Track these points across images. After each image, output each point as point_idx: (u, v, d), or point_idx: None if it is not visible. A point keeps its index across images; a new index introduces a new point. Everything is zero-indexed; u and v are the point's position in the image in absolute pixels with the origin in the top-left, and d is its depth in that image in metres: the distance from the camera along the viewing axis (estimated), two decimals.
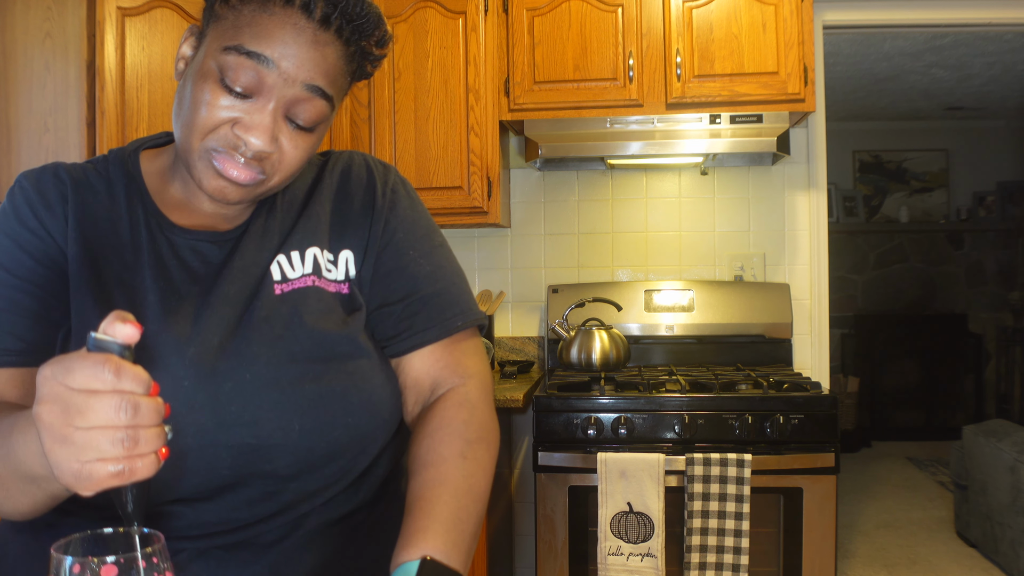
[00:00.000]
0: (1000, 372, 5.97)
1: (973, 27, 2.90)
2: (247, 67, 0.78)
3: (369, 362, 0.89)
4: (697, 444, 2.20)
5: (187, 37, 0.85)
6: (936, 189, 6.21)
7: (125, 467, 0.54)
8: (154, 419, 0.55)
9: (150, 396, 0.55)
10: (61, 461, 0.54)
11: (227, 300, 0.84)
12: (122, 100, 2.54)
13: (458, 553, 0.77)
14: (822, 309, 2.86)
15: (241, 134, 0.80)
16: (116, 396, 0.54)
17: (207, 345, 0.81)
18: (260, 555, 0.84)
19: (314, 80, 0.81)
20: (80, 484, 0.54)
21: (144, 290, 0.83)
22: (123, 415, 0.54)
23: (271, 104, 0.80)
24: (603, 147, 2.56)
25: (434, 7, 2.56)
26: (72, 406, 0.54)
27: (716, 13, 2.48)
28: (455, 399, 0.90)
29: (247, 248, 0.88)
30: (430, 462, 0.84)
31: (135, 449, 0.54)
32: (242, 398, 0.81)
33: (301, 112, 0.82)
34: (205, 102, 0.79)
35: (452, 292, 0.95)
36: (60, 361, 0.55)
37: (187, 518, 0.81)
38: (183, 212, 0.90)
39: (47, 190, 0.86)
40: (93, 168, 0.90)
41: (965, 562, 3.55)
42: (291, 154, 0.83)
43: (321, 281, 0.89)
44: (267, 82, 0.79)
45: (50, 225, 0.84)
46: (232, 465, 0.80)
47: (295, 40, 0.79)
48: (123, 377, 0.54)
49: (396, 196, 0.97)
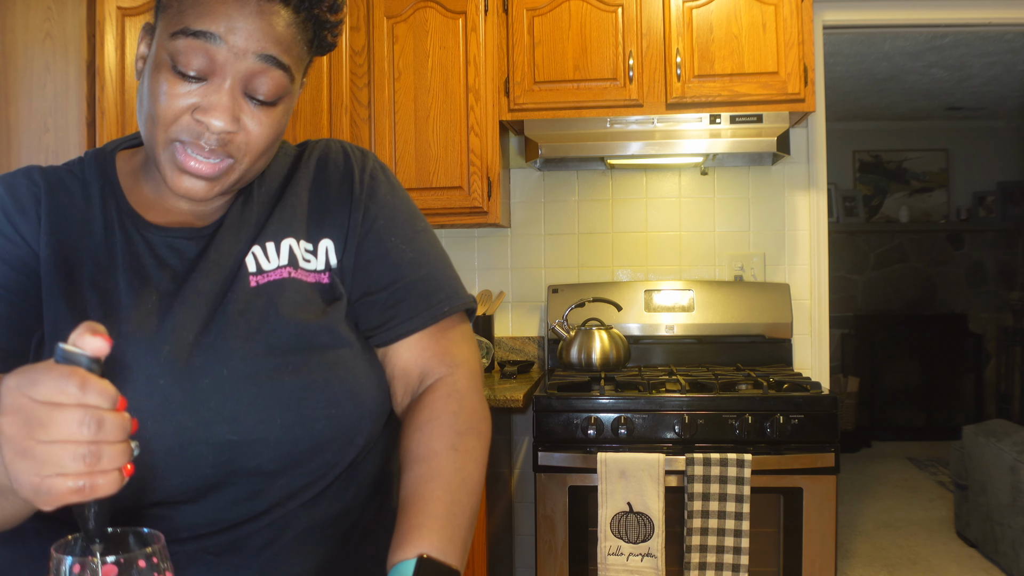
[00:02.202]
0: (1000, 372, 5.97)
1: (973, 27, 2.90)
2: (196, 48, 0.77)
3: (350, 351, 0.87)
4: (697, 444, 2.20)
5: (143, 36, 0.84)
6: (936, 189, 6.21)
7: (86, 483, 0.53)
8: (119, 435, 0.54)
9: (116, 411, 0.54)
10: (21, 474, 0.53)
11: (201, 294, 0.83)
12: (122, 100, 2.54)
13: (454, 548, 0.76)
14: (822, 309, 2.86)
15: (202, 118, 0.78)
16: (80, 410, 0.52)
17: (182, 342, 0.80)
18: (250, 559, 0.83)
19: (266, 49, 0.79)
20: (40, 499, 0.53)
21: (118, 292, 0.82)
22: (86, 430, 0.52)
23: (227, 82, 0.78)
24: (603, 147, 2.56)
25: (434, 7, 2.56)
26: (34, 419, 0.52)
27: (716, 13, 2.48)
28: (444, 390, 0.88)
29: (222, 241, 0.86)
30: (421, 456, 0.83)
31: (97, 465, 0.53)
32: (220, 394, 0.79)
33: (259, 86, 0.80)
34: (163, 92, 0.78)
35: (437, 277, 0.93)
36: (25, 372, 0.53)
37: (173, 521, 0.80)
38: (159, 211, 0.88)
39: (20, 194, 0.84)
40: (69, 170, 0.89)
41: (965, 562, 3.55)
42: (256, 132, 0.81)
43: (298, 272, 0.87)
44: (218, 60, 0.78)
45: (23, 229, 0.83)
46: (215, 463, 0.79)
47: (239, 12, 0.77)
48: (88, 391, 0.52)
49: (375, 182, 0.95)
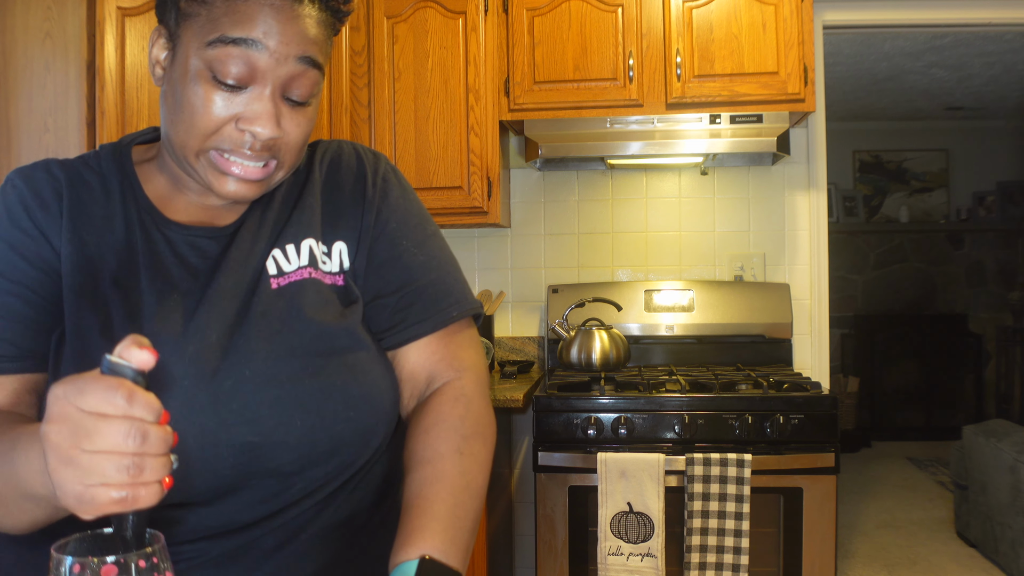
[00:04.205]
0: (1000, 372, 5.97)
1: (973, 27, 2.90)
2: (235, 56, 0.77)
3: (368, 355, 0.87)
4: (697, 444, 2.20)
5: (155, 39, 0.84)
6: (936, 189, 6.21)
7: (128, 494, 0.54)
8: (162, 448, 0.55)
9: (160, 424, 0.55)
10: (65, 483, 0.54)
11: (224, 295, 0.83)
12: (122, 100, 2.54)
13: (456, 551, 0.76)
14: (822, 309, 2.86)
15: (247, 127, 0.79)
16: (126, 422, 0.53)
17: (205, 342, 0.80)
18: (261, 562, 0.83)
19: (305, 52, 0.80)
20: (82, 507, 0.54)
21: (140, 289, 0.82)
22: (131, 442, 0.53)
23: (267, 89, 0.79)
24: (603, 147, 2.56)
25: (434, 7, 2.56)
26: (81, 428, 0.53)
27: (716, 13, 2.48)
28: (451, 394, 0.89)
29: (243, 241, 0.87)
30: (426, 459, 0.83)
31: (140, 477, 0.54)
32: (242, 395, 0.79)
33: (296, 87, 0.81)
34: (201, 104, 0.78)
35: (447, 281, 0.94)
36: (73, 381, 0.54)
37: (188, 522, 0.80)
38: (176, 208, 0.88)
39: (41, 187, 0.83)
40: (86, 164, 0.88)
41: (965, 562, 3.55)
42: (295, 133, 0.83)
43: (317, 273, 0.88)
44: (259, 67, 0.78)
45: (44, 225, 0.82)
46: (235, 464, 0.79)
47: (276, 18, 0.78)
48: (135, 404, 0.53)
49: (387, 185, 0.96)
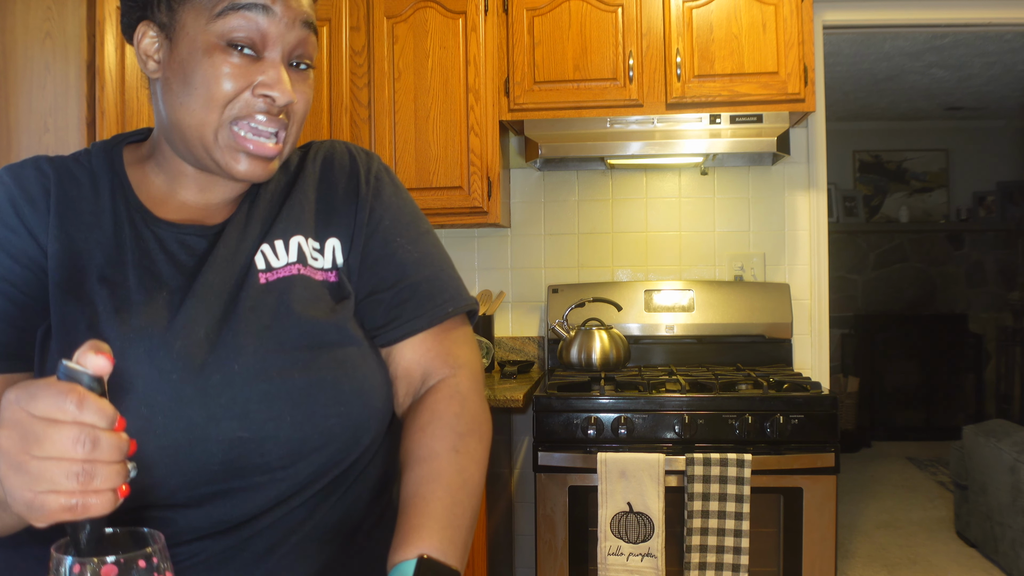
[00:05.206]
0: (1000, 372, 5.97)
1: (973, 27, 2.90)
2: (248, 20, 0.80)
3: (359, 350, 0.87)
4: (697, 444, 2.20)
5: (144, 32, 0.84)
6: (936, 189, 6.21)
7: (78, 501, 0.53)
8: (114, 455, 0.53)
9: (114, 432, 0.54)
10: (15, 489, 0.53)
11: (212, 290, 0.83)
12: (122, 100, 2.54)
13: (454, 549, 0.76)
14: (822, 309, 2.86)
15: (267, 92, 0.81)
16: (76, 428, 0.52)
17: (193, 337, 0.79)
18: (252, 567, 0.82)
19: (307, 16, 0.84)
20: (32, 514, 0.53)
21: (128, 287, 0.81)
22: (80, 448, 0.52)
23: (277, 54, 0.82)
24: (603, 147, 2.56)
25: (434, 7, 2.56)
26: (31, 434, 0.52)
27: (716, 13, 2.48)
28: (446, 391, 0.89)
29: (231, 237, 0.87)
30: (422, 457, 0.83)
31: (90, 484, 0.53)
32: (231, 390, 0.79)
33: (299, 51, 0.84)
34: (218, 73, 0.80)
35: (441, 278, 0.94)
36: (26, 386, 0.53)
37: (178, 523, 0.79)
38: (167, 207, 0.88)
39: (29, 184, 0.83)
40: (76, 161, 0.88)
41: (965, 562, 3.56)
42: (301, 101, 0.86)
43: (307, 269, 0.88)
44: (270, 32, 0.81)
45: (31, 222, 0.81)
46: (223, 460, 0.78)
47: None
48: (85, 409, 0.52)
49: (380, 183, 0.96)
